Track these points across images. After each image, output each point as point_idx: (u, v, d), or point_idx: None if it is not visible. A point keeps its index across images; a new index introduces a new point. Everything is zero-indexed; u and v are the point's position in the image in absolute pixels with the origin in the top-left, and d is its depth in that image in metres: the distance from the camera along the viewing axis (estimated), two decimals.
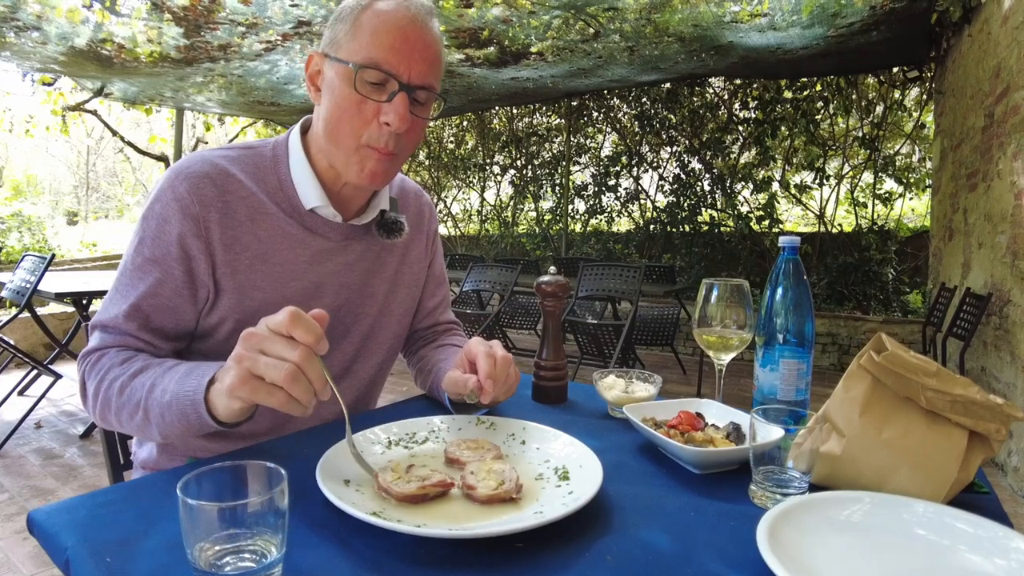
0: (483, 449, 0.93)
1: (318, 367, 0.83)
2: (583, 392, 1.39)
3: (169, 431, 1.00)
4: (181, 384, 0.96)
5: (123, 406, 1.03)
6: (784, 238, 1.18)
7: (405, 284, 1.37)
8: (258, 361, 0.83)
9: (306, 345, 0.83)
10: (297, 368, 0.81)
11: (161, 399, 0.98)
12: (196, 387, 0.94)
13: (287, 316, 0.83)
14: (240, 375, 0.84)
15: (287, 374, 0.81)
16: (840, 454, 0.90)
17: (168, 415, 0.97)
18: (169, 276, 1.10)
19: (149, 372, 1.03)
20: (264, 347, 0.84)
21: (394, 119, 1.06)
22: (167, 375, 1.00)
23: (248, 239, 1.14)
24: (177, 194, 1.09)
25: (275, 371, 0.81)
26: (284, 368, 0.81)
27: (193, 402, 0.93)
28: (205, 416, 0.93)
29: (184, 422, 0.96)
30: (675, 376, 6.12)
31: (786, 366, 1.16)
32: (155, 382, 1.00)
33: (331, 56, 1.08)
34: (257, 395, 0.84)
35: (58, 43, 5.64)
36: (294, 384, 0.81)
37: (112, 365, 1.06)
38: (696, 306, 1.22)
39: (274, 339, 0.83)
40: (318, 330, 0.84)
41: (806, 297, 1.18)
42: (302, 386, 0.82)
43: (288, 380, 0.81)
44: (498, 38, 5.96)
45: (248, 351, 0.84)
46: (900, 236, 7.74)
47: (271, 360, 0.82)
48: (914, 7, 5.11)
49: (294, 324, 0.82)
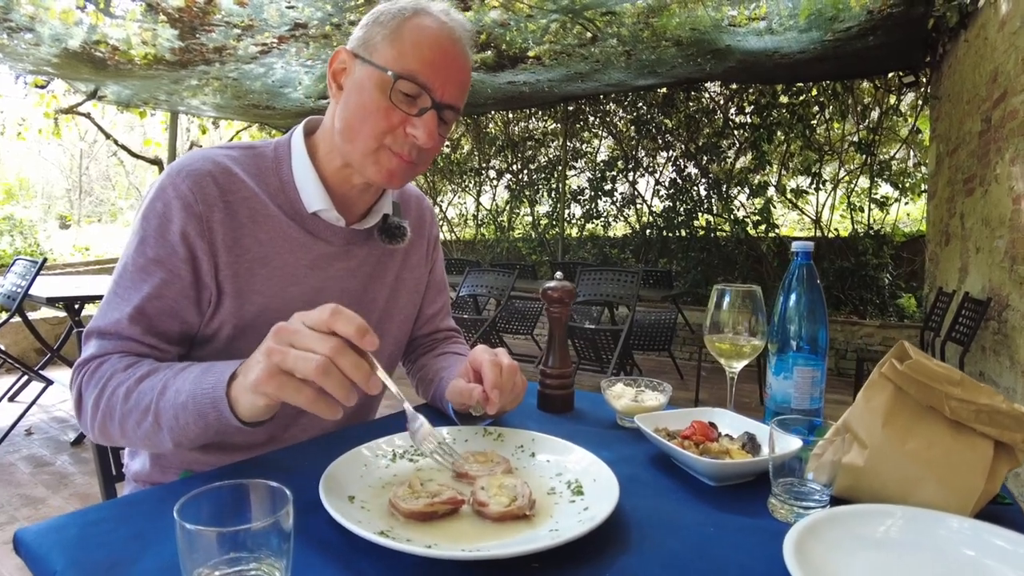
0: (492, 462, 0.90)
1: (353, 358, 0.78)
2: (589, 400, 1.36)
3: (183, 435, 0.94)
4: (198, 383, 0.91)
5: (129, 413, 0.97)
6: (797, 243, 1.15)
7: (406, 290, 1.34)
8: (288, 354, 0.78)
9: (345, 338, 0.78)
10: (328, 360, 0.77)
11: (175, 400, 0.92)
12: (216, 383, 0.89)
13: (327, 311, 0.79)
14: (268, 369, 0.79)
15: (317, 366, 0.76)
16: (863, 466, 0.86)
17: (184, 416, 0.92)
18: (175, 276, 1.05)
19: (159, 375, 0.98)
20: (295, 341, 0.79)
21: (422, 135, 1.04)
22: (180, 376, 0.95)
23: (249, 241, 1.10)
24: (179, 191, 1.05)
25: (304, 364, 0.77)
26: (314, 360, 0.77)
27: (213, 400, 0.88)
28: (227, 413, 0.87)
29: (202, 423, 0.91)
30: (673, 381, 6.07)
31: (800, 374, 1.13)
32: (167, 384, 0.95)
33: (363, 58, 1.06)
34: (285, 391, 0.79)
35: (51, 44, 5.59)
36: (325, 377, 0.77)
37: (115, 371, 1.01)
38: (707, 312, 1.19)
39: (307, 332, 0.79)
40: (362, 323, 0.79)
41: (820, 303, 1.15)
42: (334, 380, 0.77)
43: (318, 373, 0.76)
44: (495, 42, 5.93)
45: (278, 344, 0.80)
46: (896, 241, 7.75)
47: (301, 353, 0.78)
48: (911, 12, 5.12)
49: (334, 318, 0.79)
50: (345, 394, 0.78)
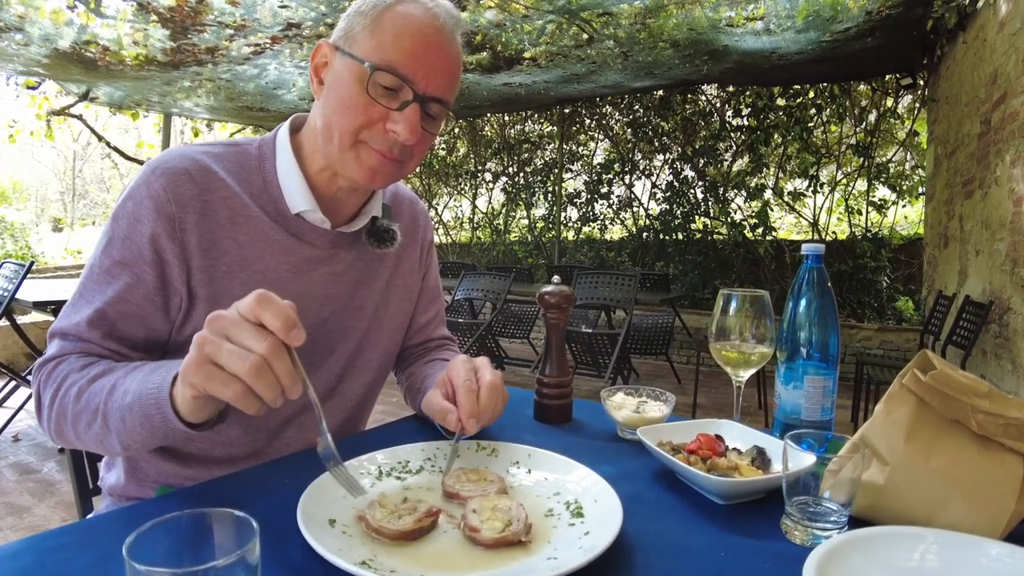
0: (485, 481, 0.84)
1: (287, 361, 0.73)
2: (588, 410, 1.29)
3: (131, 439, 0.88)
4: (144, 383, 0.85)
5: (80, 414, 0.92)
6: (808, 246, 1.09)
7: (397, 297, 1.27)
8: (221, 347, 0.73)
9: (275, 335, 0.73)
10: (263, 361, 0.72)
11: (122, 401, 0.87)
12: (161, 383, 0.83)
13: (254, 297, 0.74)
14: (197, 358, 0.74)
15: (251, 367, 0.71)
16: (884, 484, 0.81)
17: (130, 419, 0.86)
18: (140, 281, 0.99)
19: (111, 375, 0.92)
20: (230, 333, 0.74)
21: (403, 130, 0.98)
22: (130, 375, 0.90)
23: (227, 244, 1.04)
24: (152, 191, 0.99)
25: (237, 361, 0.72)
26: (248, 360, 0.71)
27: (157, 401, 0.82)
28: (170, 415, 0.82)
29: (148, 425, 0.85)
30: (670, 386, 6.03)
31: (811, 383, 1.07)
32: (116, 384, 0.89)
33: (343, 50, 1.00)
34: (211, 383, 0.73)
35: (41, 45, 5.52)
36: (257, 378, 0.72)
37: (70, 371, 0.96)
38: (712, 318, 1.13)
39: (242, 325, 0.74)
40: (290, 316, 0.74)
41: (831, 308, 1.09)
42: (266, 382, 0.72)
43: (251, 373, 0.71)
44: (491, 43, 5.88)
45: (212, 335, 0.74)
46: (893, 244, 7.71)
47: (235, 348, 0.73)
48: (910, 13, 5.08)
49: (263, 307, 0.73)
50: (274, 397, 0.73)
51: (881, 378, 4.04)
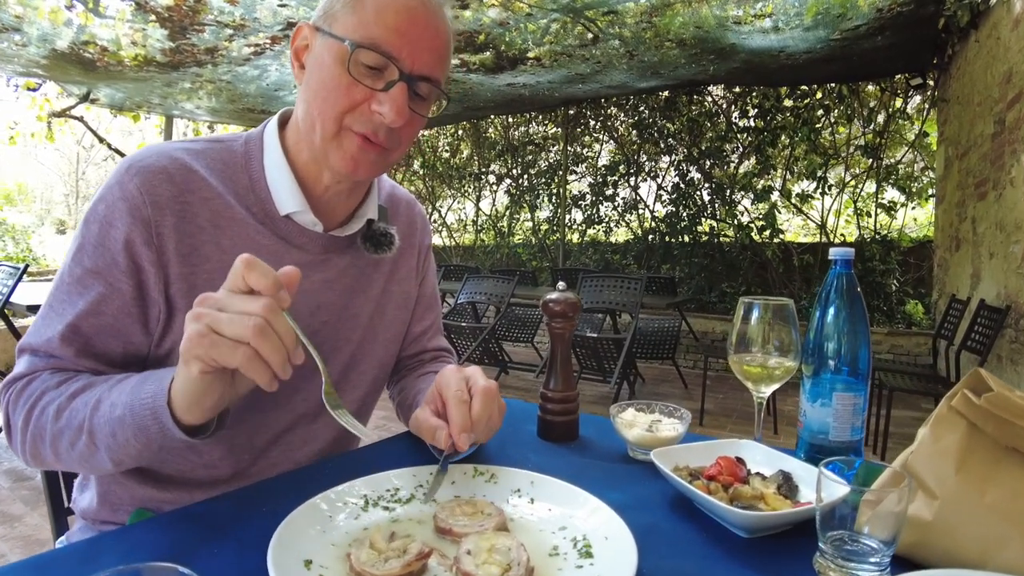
0: (482, 514, 0.75)
1: (285, 320, 0.72)
2: (595, 426, 1.20)
3: (123, 453, 0.83)
4: (136, 393, 0.80)
5: (61, 433, 0.85)
6: (836, 250, 1.00)
7: (393, 305, 1.18)
8: (219, 317, 0.70)
9: (268, 295, 0.71)
10: (264, 320, 0.69)
11: (111, 415, 0.80)
12: (156, 391, 0.78)
13: (240, 260, 0.72)
14: (197, 330, 0.70)
15: (254, 326, 0.69)
16: (931, 520, 0.71)
17: (122, 432, 0.80)
18: (114, 291, 0.91)
19: (93, 389, 0.85)
20: (223, 304, 0.72)
21: (389, 111, 0.90)
22: (116, 387, 0.83)
23: (209, 249, 0.95)
24: (126, 192, 0.91)
25: (239, 325, 0.69)
26: (249, 321, 0.69)
27: (153, 410, 0.77)
28: (169, 424, 0.77)
29: (143, 437, 0.80)
30: (677, 391, 5.93)
31: (840, 401, 0.98)
32: (101, 398, 0.83)
33: (323, 30, 0.92)
34: (218, 350, 0.70)
35: (39, 45, 5.46)
36: (262, 339, 0.69)
37: (45, 389, 0.88)
38: (732, 328, 1.04)
39: (233, 295, 0.72)
40: (275, 276, 0.72)
41: (862, 318, 1.00)
42: (271, 343, 0.70)
43: (256, 333, 0.69)
44: (494, 42, 5.80)
45: (207, 308, 0.72)
46: (902, 246, 7.60)
47: (233, 315, 0.70)
48: (921, 11, 4.98)
49: (249, 266, 0.71)
50: (281, 360, 0.71)
51: (892, 384, 3.93)
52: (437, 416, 0.90)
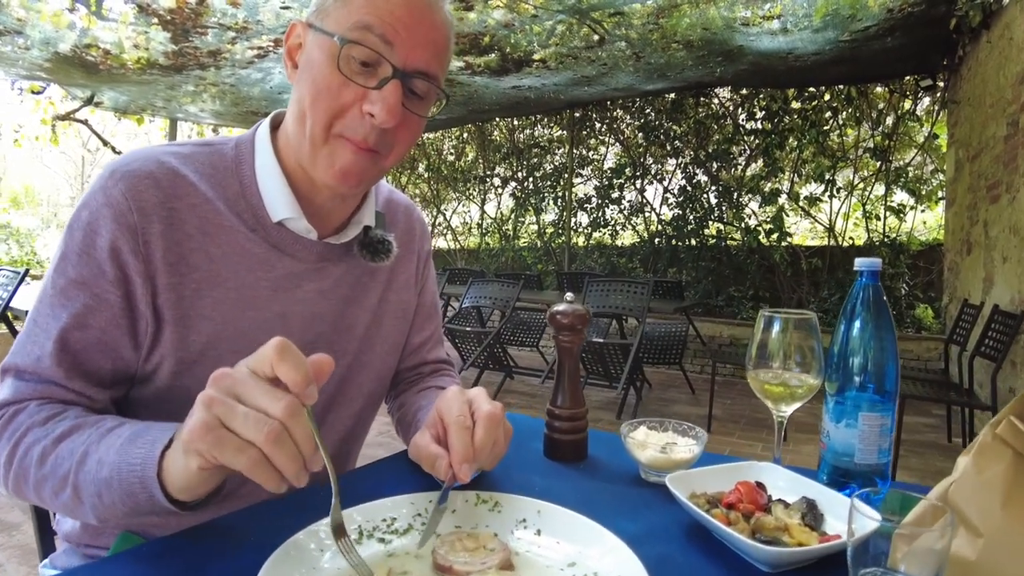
0: (485, 550, 0.69)
1: (306, 425, 0.63)
2: (605, 444, 1.14)
3: (110, 513, 0.76)
4: (124, 454, 0.73)
5: (44, 480, 0.78)
6: (862, 260, 0.94)
7: (391, 315, 1.13)
8: (234, 410, 0.62)
9: (294, 392, 0.62)
10: (282, 427, 0.61)
11: (97, 474, 0.74)
12: (146, 458, 0.71)
13: (273, 346, 0.63)
14: (206, 421, 0.62)
15: (269, 432, 0.60)
16: (975, 560, 0.65)
17: (108, 495, 0.74)
18: (101, 302, 0.85)
19: (80, 435, 0.79)
20: (241, 392, 0.63)
21: (380, 110, 0.84)
22: (105, 440, 0.76)
23: (197, 257, 0.90)
24: (110, 198, 0.85)
25: (253, 426, 0.60)
26: (266, 424, 0.60)
27: (143, 480, 0.70)
28: (158, 496, 0.70)
29: (130, 502, 0.73)
30: (684, 396, 5.86)
31: (866, 422, 0.92)
32: (88, 450, 0.76)
33: (315, 26, 0.87)
34: (222, 449, 0.61)
35: (41, 48, 5.43)
36: (277, 447, 0.60)
37: (32, 424, 0.82)
38: (751, 343, 0.98)
39: (255, 383, 0.63)
40: (307, 370, 0.63)
41: (889, 333, 0.94)
42: (287, 452, 0.61)
43: (270, 440, 0.60)
44: (499, 44, 5.75)
45: (221, 394, 0.63)
46: (912, 250, 7.52)
47: (249, 411, 0.61)
48: (932, 11, 4.91)
49: (281, 356, 0.62)
50: (295, 471, 0.62)
51: (904, 390, 3.86)
52: (438, 442, 0.84)
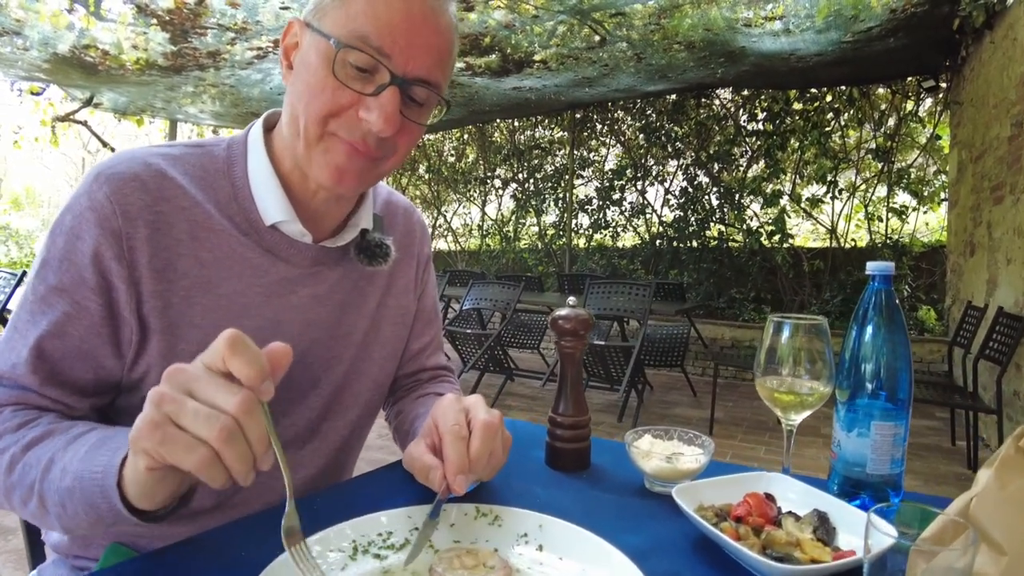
0: (484, 567, 0.66)
1: (261, 423, 0.60)
2: (609, 451, 1.11)
3: (74, 524, 0.74)
4: (87, 462, 0.70)
5: (13, 488, 0.76)
6: (874, 264, 0.91)
7: (389, 321, 1.09)
8: (184, 405, 0.59)
9: (248, 387, 0.59)
10: (234, 422, 0.58)
11: (60, 483, 0.71)
12: (107, 466, 0.68)
13: (224, 339, 0.60)
14: (153, 418, 0.59)
15: (221, 429, 0.57)
16: None
17: (71, 505, 0.71)
18: (81, 310, 0.82)
19: (49, 442, 0.76)
20: (194, 388, 0.60)
21: (377, 118, 0.80)
22: (71, 448, 0.73)
23: (186, 263, 0.87)
24: (95, 201, 0.82)
25: (204, 423, 0.58)
26: (217, 420, 0.58)
27: (103, 489, 0.67)
28: (119, 506, 0.67)
29: (93, 514, 0.70)
30: (686, 399, 5.83)
31: (879, 431, 0.89)
32: (54, 457, 0.73)
33: (312, 26, 0.84)
34: (171, 448, 0.59)
35: (40, 49, 5.41)
36: (228, 444, 0.58)
37: (4, 431, 0.79)
38: (759, 349, 0.95)
39: (209, 378, 0.60)
40: (263, 364, 0.60)
41: (903, 339, 0.91)
42: (238, 449, 0.59)
43: (221, 438, 0.58)
44: (500, 45, 5.72)
45: (173, 390, 0.60)
46: (914, 251, 7.49)
47: (200, 407, 0.59)
48: (936, 11, 4.88)
49: (233, 349, 0.59)
50: (245, 470, 0.59)
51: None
52: (433, 452, 0.82)
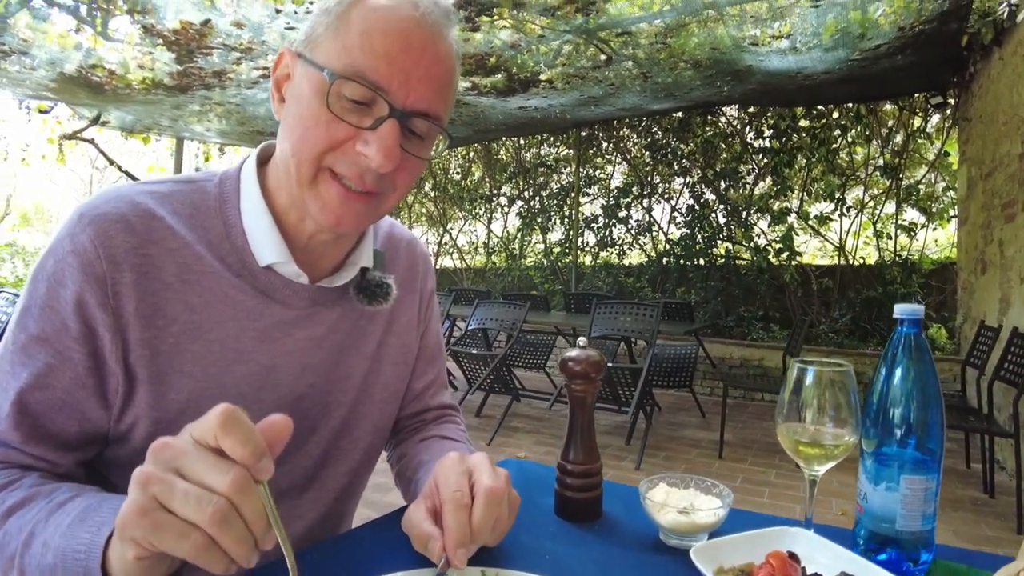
0: None
1: (257, 501, 0.56)
2: (621, 499, 1.06)
3: None
4: (70, 537, 0.65)
5: None
6: (903, 307, 0.87)
7: (391, 361, 1.04)
8: (174, 487, 0.55)
9: (243, 465, 0.54)
10: (228, 504, 0.54)
11: (42, 560, 0.66)
12: (89, 544, 0.63)
13: (216, 416, 0.55)
14: (141, 504, 0.55)
15: (214, 512, 0.53)
16: None
17: None
18: (65, 360, 0.78)
19: (31, 508, 0.71)
20: (183, 466, 0.56)
21: (376, 153, 0.75)
22: (53, 518, 0.68)
23: (175, 308, 0.82)
24: (78, 244, 0.78)
25: (195, 506, 0.54)
26: (210, 503, 0.53)
27: (87, 570, 0.62)
28: None
29: None
30: (694, 420, 5.75)
31: (909, 485, 0.83)
32: (35, 529, 0.68)
33: (305, 57, 0.79)
34: (162, 536, 0.54)
35: (47, 69, 5.43)
36: (223, 528, 0.54)
37: None
38: (782, 396, 0.90)
39: (199, 455, 0.56)
40: (258, 442, 0.56)
41: (934, 387, 0.86)
42: (234, 533, 0.54)
43: (215, 521, 0.53)
44: (506, 65, 5.72)
45: (160, 470, 0.55)
46: (924, 269, 7.41)
47: (191, 488, 0.54)
48: (944, 28, 4.86)
49: (225, 428, 0.54)
50: (245, 552, 0.55)
51: None
52: (434, 516, 0.76)
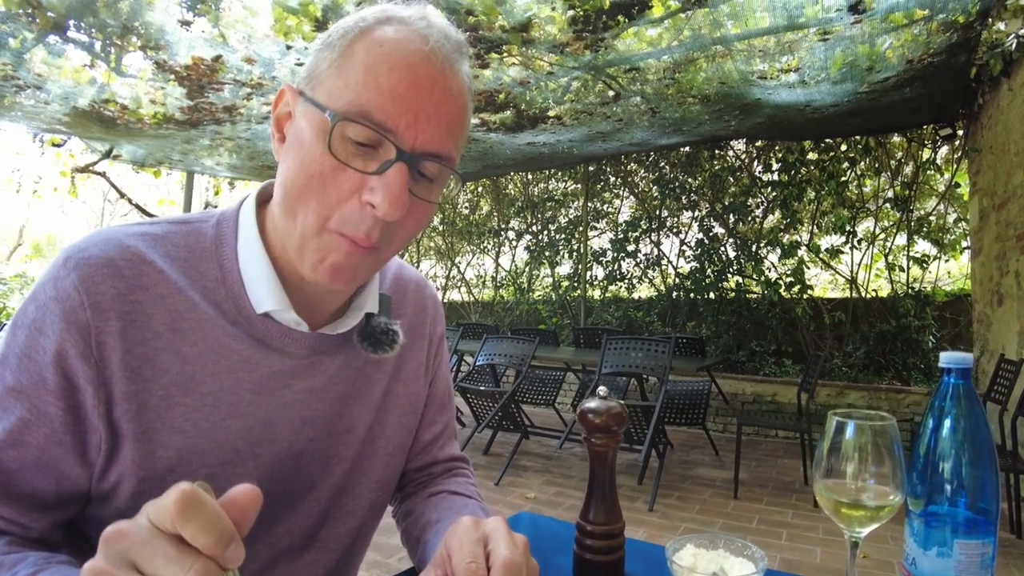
0: None
1: None
2: (645, 559, 0.99)
3: None
4: None
5: None
6: (948, 356, 0.80)
7: (397, 411, 0.97)
8: None
9: (207, 556, 0.47)
10: None
11: None
12: None
13: (173, 500, 0.47)
14: None
15: None
16: None
17: None
18: (41, 415, 0.72)
19: None
20: (139, 559, 0.47)
21: (383, 201, 0.69)
22: None
23: (166, 359, 0.76)
24: (60, 291, 0.72)
25: None
26: None
27: None
28: None
29: None
30: (707, 458, 5.62)
31: (964, 550, 0.76)
32: None
33: (306, 95, 0.74)
34: None
35: (61, 103, 5.48)
36: None
37: None
38: (820, 453, 0.83)
39: (157, 545, 0.47)
40: (224, 526, 0.47)
41: (985, 442, 0.79)
42: None
43: None
44: (515, 101, 5.74)
45: (113, 564, 0.48)
46: (937, 301, 7.32)
47: None
48: (952, 61, 4.84)
49: (184, 515, 0.46)
50: None
51: None
52: None
